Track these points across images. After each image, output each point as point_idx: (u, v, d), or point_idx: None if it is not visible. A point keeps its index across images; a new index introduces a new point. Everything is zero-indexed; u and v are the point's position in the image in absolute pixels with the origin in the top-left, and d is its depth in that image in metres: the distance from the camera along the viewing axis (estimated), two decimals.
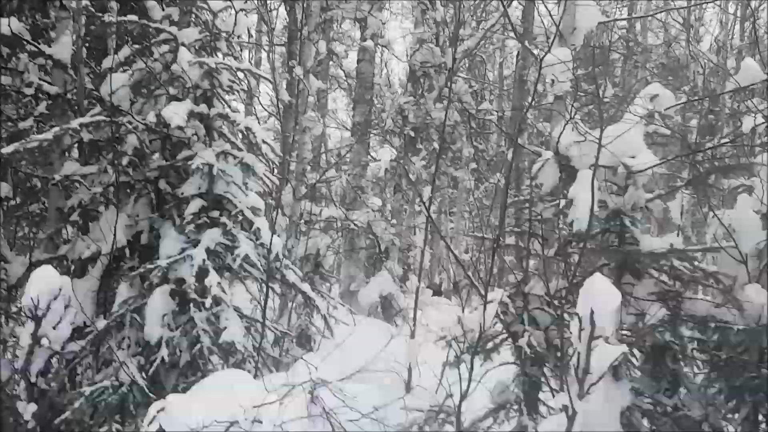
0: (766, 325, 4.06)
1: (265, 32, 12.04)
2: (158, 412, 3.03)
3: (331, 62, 14.17)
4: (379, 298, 12.07)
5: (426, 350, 6.47)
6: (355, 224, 9.51)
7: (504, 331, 4.91)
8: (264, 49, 12.12)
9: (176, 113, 4.80)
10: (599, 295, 3.02)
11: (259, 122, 11.97)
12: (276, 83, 8.70)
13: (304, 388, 3.15)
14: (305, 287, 5.42)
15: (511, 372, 5.05)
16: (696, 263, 4.19)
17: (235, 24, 5.45)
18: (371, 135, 11.11)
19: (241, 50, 9.05)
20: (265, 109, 11.13)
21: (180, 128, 5.04)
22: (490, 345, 4.97)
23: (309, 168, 8.20)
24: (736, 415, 4.32)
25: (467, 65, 13.91)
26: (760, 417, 4.22)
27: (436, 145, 11.93)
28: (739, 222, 4.36)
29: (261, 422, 2.90)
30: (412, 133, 11.49)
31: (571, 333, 3.15)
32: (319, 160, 7.95)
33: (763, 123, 3.79)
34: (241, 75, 5.92)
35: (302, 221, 8.11)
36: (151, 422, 2.99)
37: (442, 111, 12.23)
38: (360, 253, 12.57)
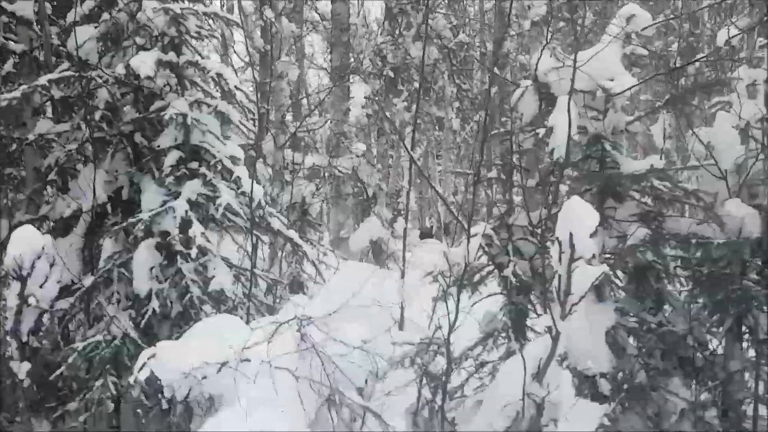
0: (747, 237, 4.12)
1: None
2: (149, 359, 3.06)
3: (306, 5, 13.81)
4: (369, 243, 12.14)
5: (417, 289, 6.54)
6: (339, 171, 9.46)
7: (490, 263, 4.96)
8: None
9: (144, 62, 4.68)
10: (577, 218, 3.03)
11: (236, 73, 11.75)
12: (246, 27, 8.47)
13: (291, 325, 3.19)
14: (291, 233, 5.42)
15: (498, 302, 5.14)
16: (678, 182, 4.20)
17: None
18: (350, 79, 10.93)
19: None
20: (241, 59, 10.87)
21: (150, 78, 4.92)
22: (476, 278, 5.04)
23: (290, 116, 8.07)
24: (720, 329, 4.44)
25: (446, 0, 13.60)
26: (743, 329, 4.33)
27: (417, 84, 11.76)
28: (718, 139, 4.37)
29: (249, 361, 2.94)
30: (392, 74, 11.30)
31: (551, 258, 3.18)
32: (300, 107, 7.81)
33: (737, 34, 3.74)
34: (211, 22, 5.79)
35: (287, 170, 8.05)
36: (141, 369, 3.03)
37: (422, 50, 12.01)
38: (347, 200, 12.57)
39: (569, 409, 3.41)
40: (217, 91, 5.12)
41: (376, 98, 11.88)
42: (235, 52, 10.44)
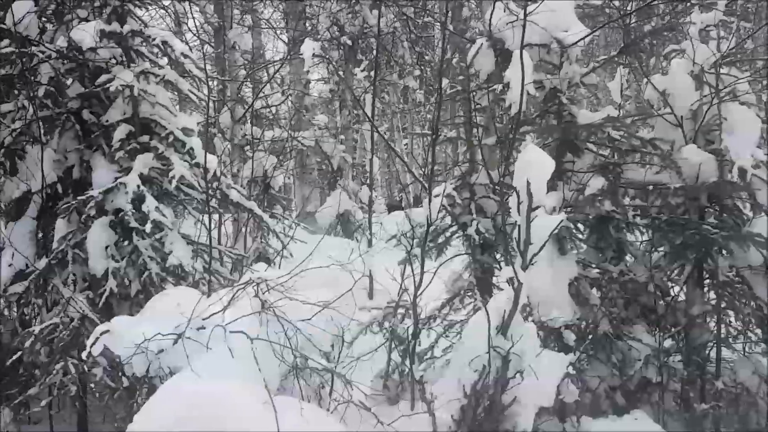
0: (704, 182, 4.16)
1: None
2: (102, 334, 2.97)
3: None
4: (336, 216, 12.08)
5: (384, 257, 6.51)
6: (302, 144, 9.32)
7: (453, 223, 4.94)
8: None
9: (86, 33, 4.49)
10: (534, 165, 3.00)
11: (191, 49, 11.45)
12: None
13: (249, 291, 3.12)
14: (251, 205, 5.30)
15: (464, 262, 5.14)
16: (635, 132, 4.21)
17: None
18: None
19: None
20: (195, 35, 10.58)
21: (92, 50, 4.72)
22: (441, 239, 5.02)
23: (248, 89, 7.89)
24: (681, 276, 4.50)
25: None
26: (704, 274, 4.40)
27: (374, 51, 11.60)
28: (674, 86, 4.38)
29: (204, 328, 2.87)
30: (350, 43, 11.12)
31: (509, 208, 3.16)
32: (257, 81, 7.62)
33: None
34: None
35: (246, 144, 7.88)
36: (93, 344, 2.94)
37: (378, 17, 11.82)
38: (313, 173, 12.46)
39: (535, 360, 3.41)
40: (164, 62, 4.94)
41: (338, 68, 11.74)
42: (188, 28, 10.12)
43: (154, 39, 4.65)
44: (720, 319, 4.29)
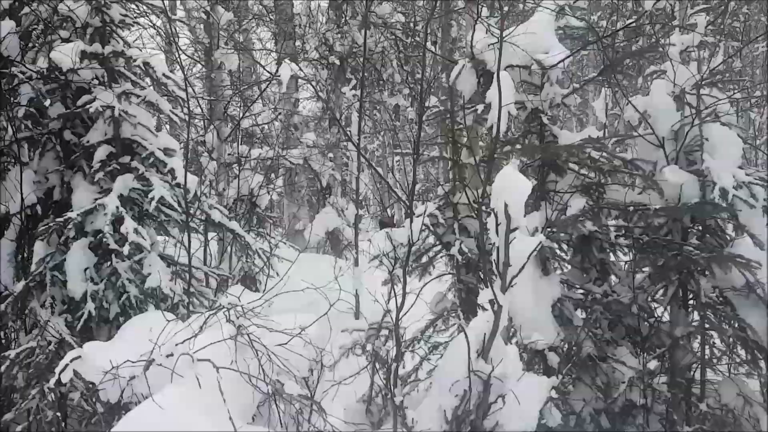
0: (686, 203, 4.15)
1: None
2: (72, 360, 2.90)
3: None
4: (325, 234, 12.01)
5: (371, 276, 6.46)
6: (290, 162, 9.29)
7: (437, 242, 4.91)
8: None
9: (65, 55, 4.47)
10: (511, 187, 2.98)
11: (183, 70, 11.44)
12: (168, 15, 8.22)
13: (221, 316, 3.06)
14: (233, 225, 5.26)
15: (449, 282, 5.10)
16: (614, 152, 4.20)
17: None
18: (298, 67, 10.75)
19: None
20: (184, 53, 10.55)
21: (73, 71, 4.70)
22: (425, 258, 4.99)
23: (236, 108, 7.87)
24: (665, 296, 4.47)
25: None
26: (689, 294, 4.37)
27: (365, 73, 11.63)
28: (655, 107, 4.38)
29: (172, 355, 2.81)
30: (338, 62, 11.14)
31: (489, 230, 3.13)
32: (242, 96, 7.61)
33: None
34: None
35: (234, 163, 7.84)
36: (63, 371, 2.87)
37: (369, 37, 11.89)
38: (302, 191, 12.40)
39: (517, 384, 3.37)
40: (145, 80, 4.91)
41: (318, 89, 11.74)
42: (178, 48, 10.11)
43: (134, 60, 4.62)
44: (704, 340, 4.26)
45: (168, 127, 5.19)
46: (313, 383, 3.51)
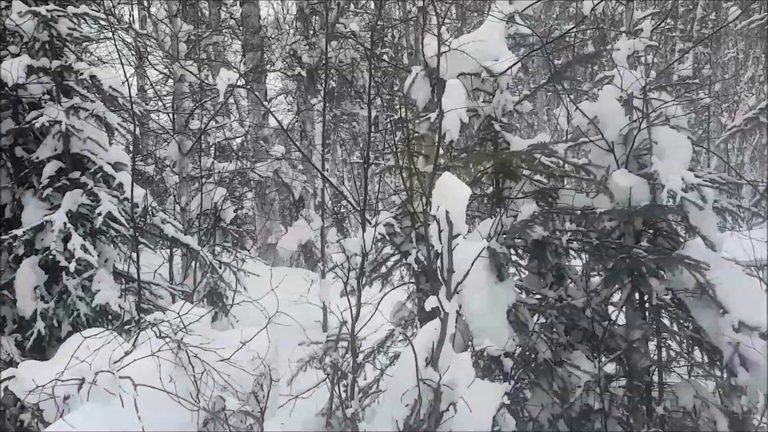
0: (636, 207, 4.17)
1: None
2: (6, 379, 2.83)
3: (222, 10, 13.47)
4: (298, 247, 11.93)
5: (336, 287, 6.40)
6: (259, 174, 9.23)
7: (395, 251, 4.88)
8: None
9: (10, 70, 4.40)
10: (450, 194, 2.96)
11: (152, 85, 11.33)
12: (135, 29, 8.17)
13: (156, 332, 2.99)
14: (188, 240, 5.19)
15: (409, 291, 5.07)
16: (563, 158, 4.21)
17: None
18: (265, 78, 10.75)
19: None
20: (156, 69, 10.48)
21: (20, 87, 4.63)
22: (383, 269, 4.95)
23: (199, 121, 7.79)
24: (618, 299, 4.48)
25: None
26: (645, 297, 4.38)
27: (333, 83, 11.64)
28: (604, 112, 4.41)
29: (100, 372, 2.73)
30: (304, 74, 11.13)
31: (431, 236, 3.11)
32: (202, 109, 7.53)
33: (600, 2, 3.77)
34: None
35: (201, 176, 7.75)
36: None
37: (338, 49, 11.90)
38: (273, 204, 12.32)
39: (467, 391, 3.34)
40: (96, 94, 4.85)
41: (296, 98, 11.70)
42: (150, 64, 10.00)
43: (81, 74, 4.56)
44: (660, 343, 4.27)
45: (127, 141, 5.11)
46: (263, 398, 3.44)
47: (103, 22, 4.94)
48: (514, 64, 4.04)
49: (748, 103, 17.82)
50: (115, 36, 7.72)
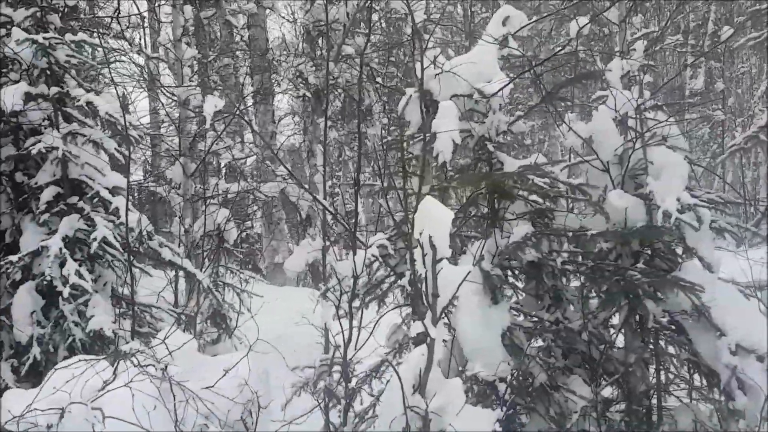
0: (632, 227, 4.11)
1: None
2: None
3: (234, 32, 13.65)
4: (306, 266, 11.92)
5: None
6: (264, 195, 9.28)
7: (391, 273, 4.85)
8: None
9: (8, 97, 4.47)
10: (433, 217, 2.94)
11: (164, 106, 11.45)
12: (145, 52, 8.29)
13: (134, 361, 2.98)
14: (185, 263, 5.21)
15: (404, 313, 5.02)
16: (556, 178, 4.18)
17: None
18: (273, 101, 10.84)
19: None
20: (166, 94, 10.61)
21: (18, 113, 4.70)
22: (379, 291, 4.92)
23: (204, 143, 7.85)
24: (615, 322, 4.40)
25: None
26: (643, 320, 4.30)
27: (339, 102, 11.71)
28: (598, 132, 4.38)
29: (79, 403, 2.73)
30: (309, 95, 11.22)
31: (416, 260, 3.08)
32: (205, 132, 7.59)
33: (586, 23, 3.76)
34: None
35: (204, 197, 7.79)
36: None
37: (343, 71, 11.98)
38: (281, 224, 12.36)
39: (456, 418, 3.28)
40: (96, 121, 4.91)
41: (305, 119, 11.77)
42: (163, 90, 10.12)
43: (78, 100, 4.62)
44: (659, 366, 4.19)
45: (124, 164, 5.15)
46: (252, 425, 3.41)
47: (100, 50, 4.99)
48: (506, 86, 4.02)
49: (762, 117, 17.66)
50: (124, 59, 7.85)
